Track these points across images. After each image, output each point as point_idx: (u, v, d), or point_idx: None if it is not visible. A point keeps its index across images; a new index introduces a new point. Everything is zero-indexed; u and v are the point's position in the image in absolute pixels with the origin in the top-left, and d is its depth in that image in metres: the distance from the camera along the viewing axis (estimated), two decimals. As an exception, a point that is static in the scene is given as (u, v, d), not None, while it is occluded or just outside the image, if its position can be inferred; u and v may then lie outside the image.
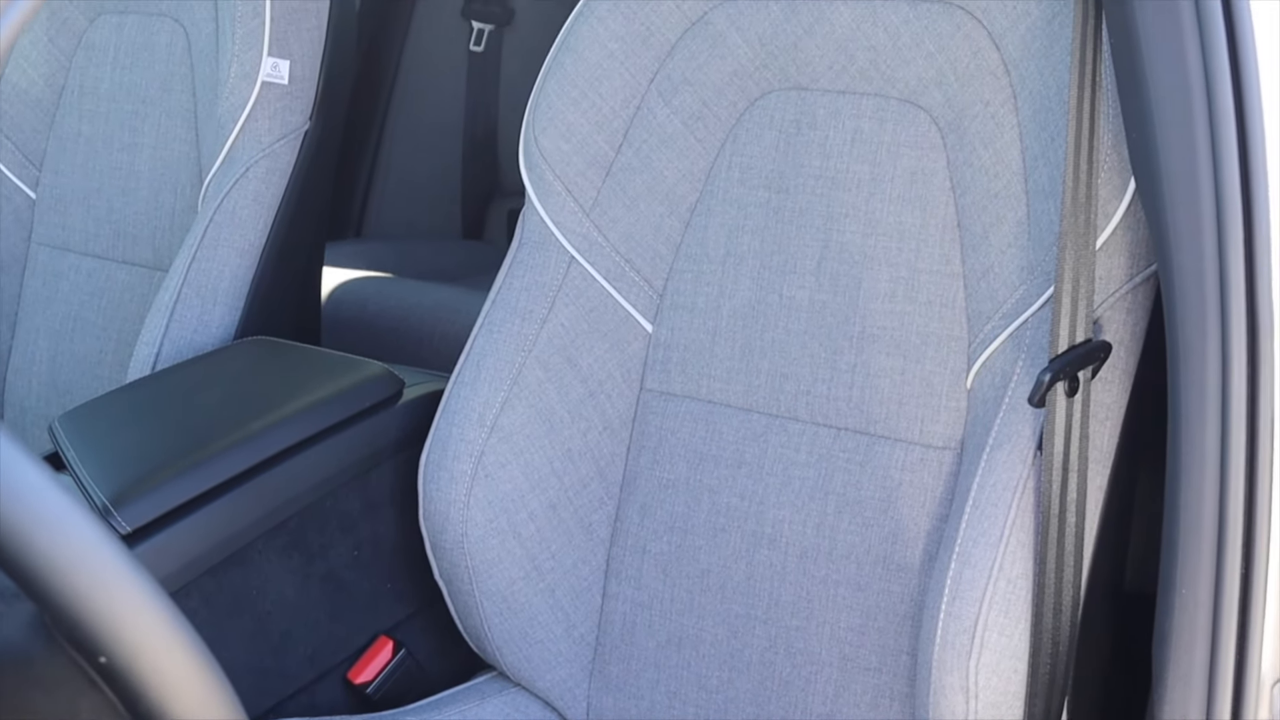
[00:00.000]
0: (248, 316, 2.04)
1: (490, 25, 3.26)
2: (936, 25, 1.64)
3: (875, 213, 1.68)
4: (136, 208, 2.20)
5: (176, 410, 1.80)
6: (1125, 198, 1.46)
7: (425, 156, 3.29)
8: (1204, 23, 1.22)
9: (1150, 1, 1.25)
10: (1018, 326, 1.54)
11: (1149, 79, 1.26)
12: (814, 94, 1.73)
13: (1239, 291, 1.23)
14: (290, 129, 2.07)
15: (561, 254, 1.79)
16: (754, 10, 1.74)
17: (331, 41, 2.11)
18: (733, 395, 1.75)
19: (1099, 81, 1.44)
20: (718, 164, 1.78)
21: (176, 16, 2.17)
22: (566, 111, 1.78)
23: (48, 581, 0.82)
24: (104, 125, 2.24)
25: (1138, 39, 1.26)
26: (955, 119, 1.63)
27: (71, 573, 0.83)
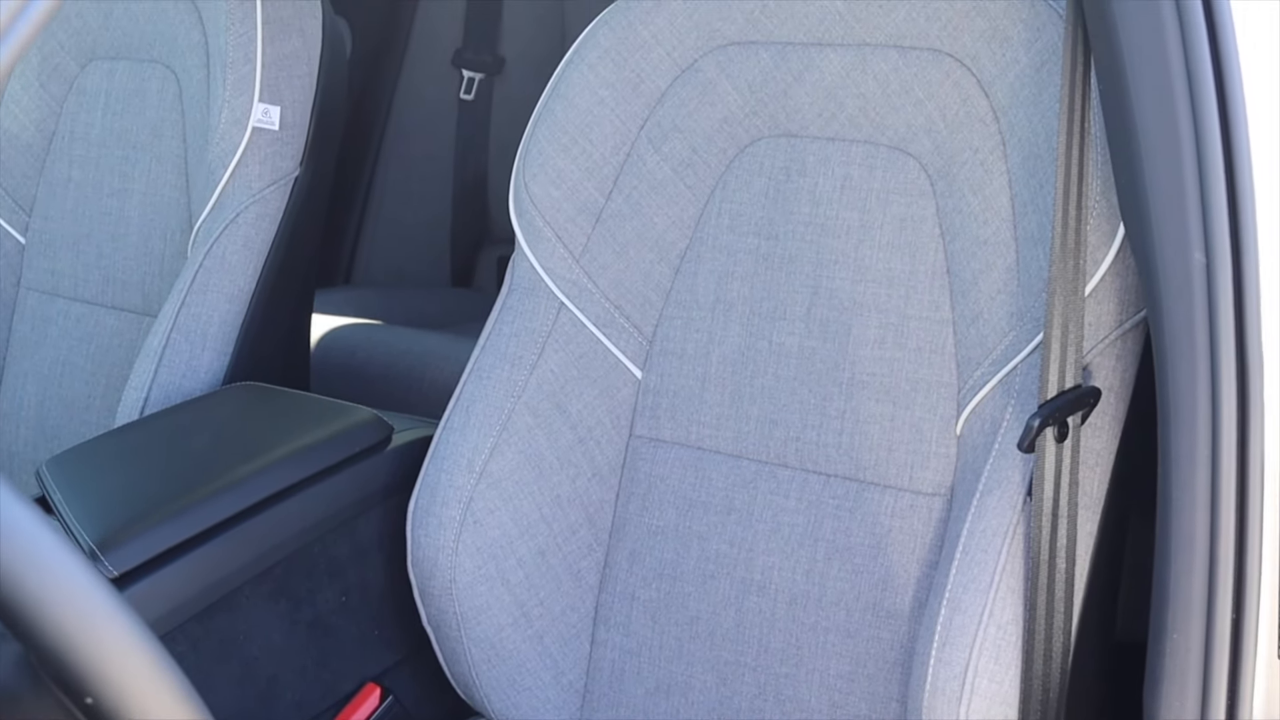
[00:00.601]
0: (236, 362, 2.04)
1: (481, 74, 3.27)
2: (925, 73, 1.65)
3: (864, 259, 1.68)
4: (126, 253, 2.19)
5: (164, 455, 1.80)
6: (1114, 244, 1.46)
7: (415, 204, 3.30)
8: (1192, 70, 1.22)
9: (1139, 50, 1.25)
10: (1007, 372, 1.54)
11: (1138, 125, 1.26)
12: (804, 141, 1.74)
13: (1228, 338, 1.23)
14: (281, 175, 2.07)
15: (551, 300, 1.79)
16: (744, 58, 1.75)
17: (322, 88, 2.12)
18: (722, 441, 1.75)
19: (1087, 128, 1.44)
20: (707, 211, 1.78)
21: (168, 63, 2.17)
22: (557, 158, 1.79)
23: (34, 621, 0.82)
24: (94, 171, 2.24)
25: (1127, 86, 1.27)
26: (944, 166, 1.64)
27: (59, 613, 0.82)
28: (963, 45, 1.62)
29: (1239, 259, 1.22)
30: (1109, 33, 1.29)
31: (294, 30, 2.09)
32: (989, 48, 1.60)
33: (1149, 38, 1.24)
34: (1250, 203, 1.22)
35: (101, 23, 2.24)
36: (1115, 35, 1.27)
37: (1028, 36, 1.57)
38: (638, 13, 1.79)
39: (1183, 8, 1.23)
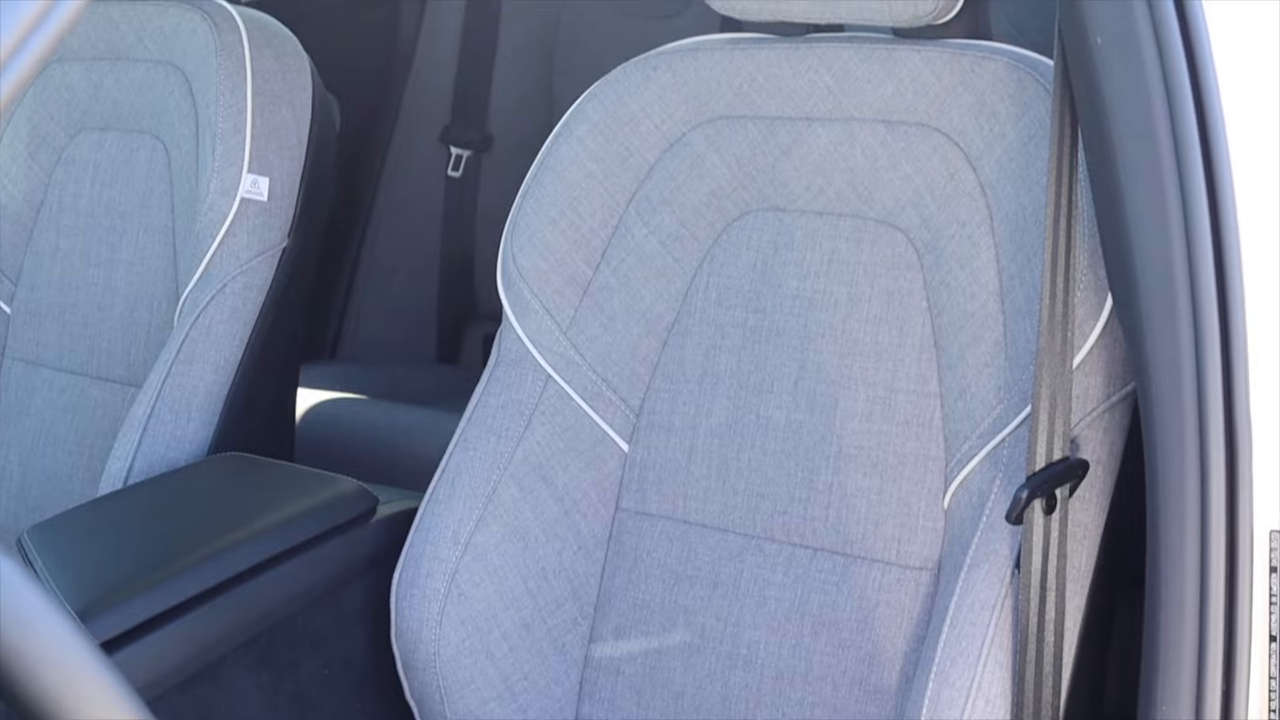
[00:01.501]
0: (221, 433, 2.03)
1: (468, 151, 3.28)
2: (913, 147, 1.66)
3: (852, 333, 1.69)
4: (112, 323, 2.19)
5: (147, 524, 1.79)
6: (1101, 317, 1.47)
7: (401, 280, 3.30)
8: (1180, 143, 1.23)
9: (1128, 124, 1.26)
10: (995, 446, 1.54)
11: (1126, 198, 1.27)
12: (792, 215, 1.74)
13: (1217, 410, 1.23)
14: (268, 245, 2.07)
15: (538, 372, 1.78)
16: (732, 132, 1.76)
17: (311, 160, 2.12)
18: (709, 515, 1.75)
19: (1075, 202, 1.45)
20: (695, 284, 1.78)
21: (157, 133, 2.18)
22: (545, 230, 1.79)
23: (16, 679, 0.81)
24: (81, 241, 2.24)
25: (1115, 159, 1.27)
26: (932, 239, 1.64)
27: (42, 672, 0.81)
28: (950, 120, 1.63)
29: (1227, 331, 1.22)
30: (1097, 107, 1.30)
31: (284, 102, 2.10)
32: (976, 122, 1.61)
33: (1137, 112, 1.25)
34: (1237, 275, 1.23)
35: (91, 94, 2.25)
36: (1104, 109, 1.28)
37: (1015, 111, 1.58)
38: (626, 86, 1.80)
39: (1170, 81, 1.23)
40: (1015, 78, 1.60)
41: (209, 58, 2.09)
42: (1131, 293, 1.28)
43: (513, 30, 3.29)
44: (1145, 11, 1.24)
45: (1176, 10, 1.24)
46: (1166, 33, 1.24)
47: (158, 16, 2.19)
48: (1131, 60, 1.24)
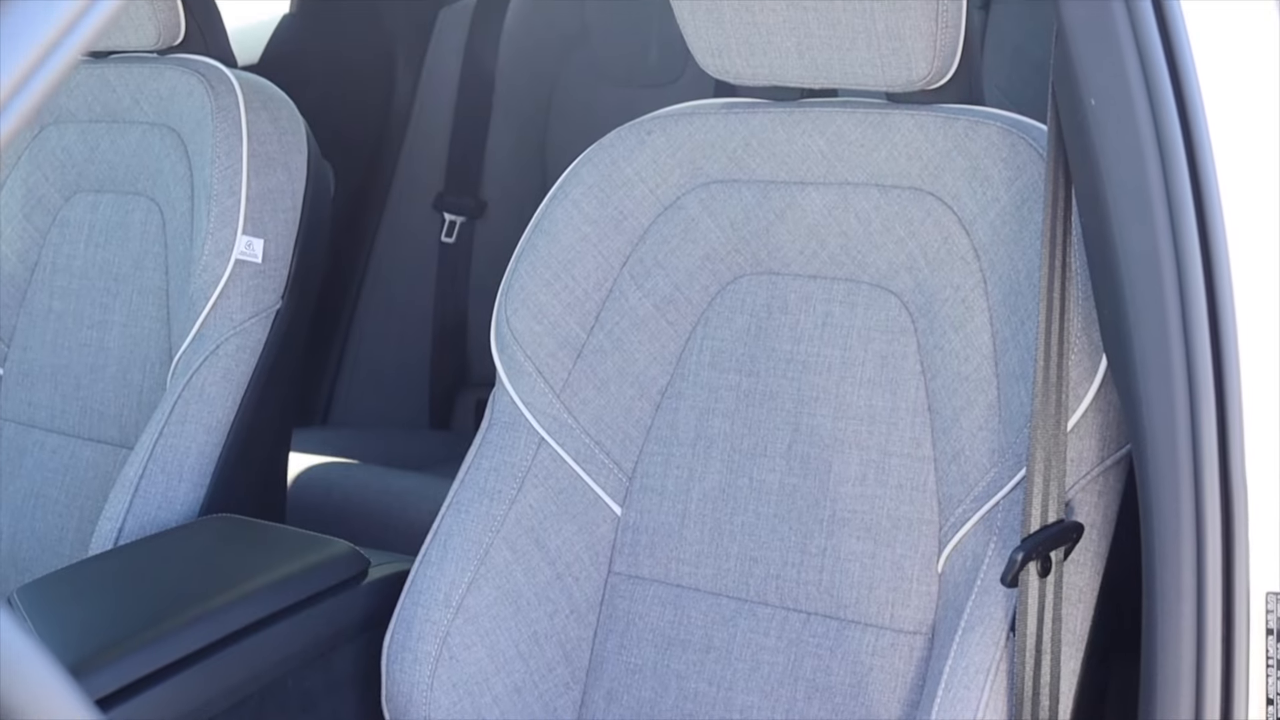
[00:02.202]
0: (213, 494, 2.02)
1: (462, 217, 3.29)
2: (907, 211, 1.66)
3: (846, 396, 1.69)
4: (104, 385, 2.19)
5: (138, 584, 1.78)
6: (1096, 380, 1.47)
7: (394, 345, 3.30)
8: (1174, 201, 1.24)
9: (1122, 185, 1.27)
10: (989, 509, 1.54)
11: (1121, 260, 1.27)
12: (785, 278, 1.74)
13: (1213, 472, 1.23)
14: (262, 307, 2.08)
15: (531, 435, 1.78)
16: (727, 195, 1.76)
17: (306, 223, 2.13)
18: (702, 579, 1.74)
19: (1069, 265, 1.46)
20: (689, 347, 1.78)
21: (152, 195, 2.18)
22: (539, 293, 1.79)
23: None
24: (75, 302, 2.24)
25: (1110, 221, 1.28)
26: (926, 303, 1.64)
27: None
28: (944, 184, 1.64)
29: (1222, 392, 1.22)
30: (1092, 168, 1.30)
31: (279, 165, 2.11)
32: (970, 186, 1.62)
33: (1131, 172, 1.26)
34: (1232, 335, 1.23)
35: (87, 156, 2.26)
36: (1098, 170, 1.29)
37: (1008, 175, 1.59)
38: (621, 150, 1.81)
39: (1164, 142, 1.24)
40: (1008, 142, 1.60)
41: (205, 120, 2.10)
42: (1126, 354, 1.28)
43: (507, 98, 3.31)
44: (1139, 72, 1.25)
45: (1170, 71, 1.25)
46: (1160, 93, 1.25)
47: (154, 79, 2.20)
48: (1125, 121, 1.25)
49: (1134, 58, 1.25)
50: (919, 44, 1.60)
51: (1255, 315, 1.24)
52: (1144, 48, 1.26)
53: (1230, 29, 1.30)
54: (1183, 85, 1.25)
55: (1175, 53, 1.26)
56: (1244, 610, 1.22)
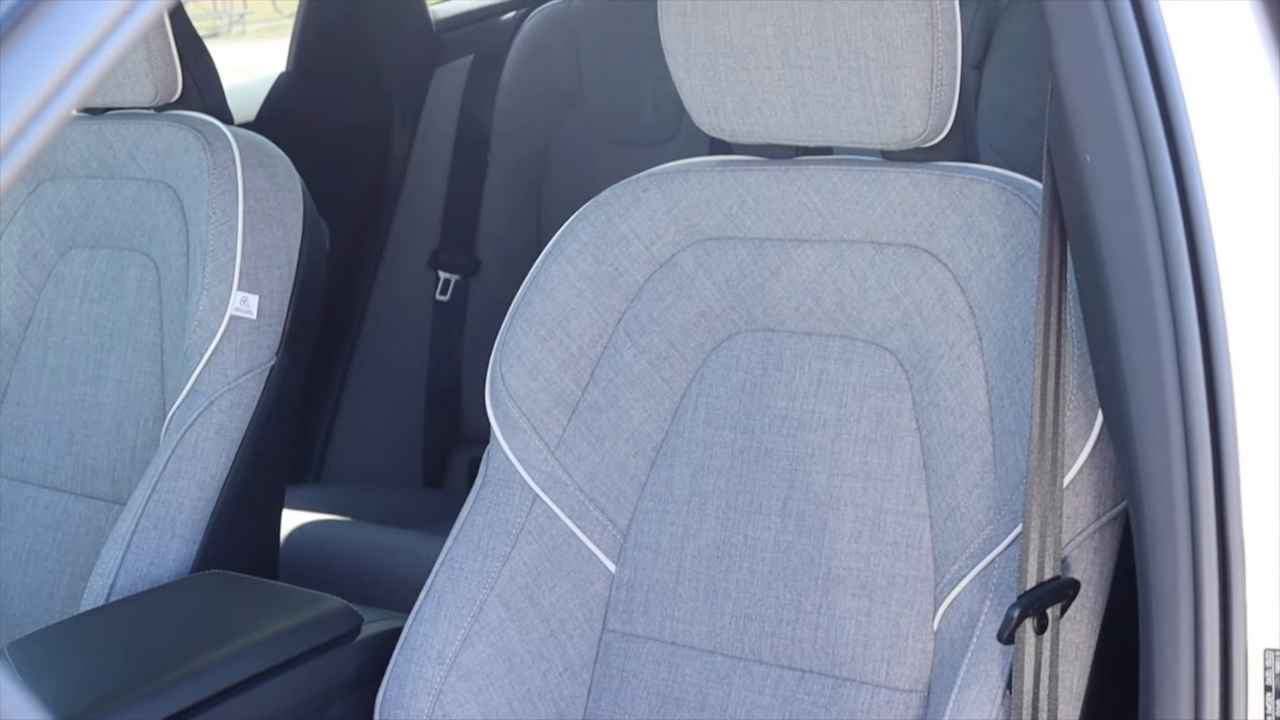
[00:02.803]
0: (206, 550, 2.02)
1: (456, 275, 3.30)
2: (902, 268, 1.66)
3: (841, 453, 1.68)
4: (98, 440, 2.19)
5: (130, 640, 1.77)
6: (1091, 436, 1.47)
7: (388, 403, 3.30)
8: (1169, 257, 1.24)
9: (1117, 242, 1.27)
10: (985, 566, 1.53)
11: (1117, 314, 1.27)
12: (780, 335, 1.75)
13: (1210, 526, 1.23)
14: (257, 364, 2.08)
15: (526, 491, 1.78)
16: (722, 252, 1.77)
17: (301, 279, 2.13)
18: (696, 637, 1.73)
19: (1064, 321, 1.46)
20: (684, 404, 1.78)
21: (148, 251, 2.19)
22: (534, 349, 1.79)
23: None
24: (69, 357, 2.24)
25: (1106, 279, 1.28)
26: (921, 360, 1.64)
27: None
28: (939, 241, 1.64)
29: (1219, 446, 1.22)
30: (1087, 224, 1.31)
31: (275, 221, 2.11)
32: (965, 243, 1.62)
33: (1127, 228, 1.26)
34: (1229, 389, 1.23)
35: (83, 211, 2.26)
36: (1093, 226, 1.29)
37: (1003, 232, 1.59)
38: (617, 207, 1.81)
39: (1159, 197, 1.25)
40: (1003, 199, 1.61)
41: (201, 176, 2.10)
42: (1122, 410, 1.28)
43: (502, 156, 3.32)
44: (1134, 129, 1.25)
45: (1165, 129, 1.25)
46: (1155, 150, 1.25)
47: (151, 135, 2.21)
48: (1120, 177, 1.26)
49: (1129, 114, 1.26)
50: (914, 102, 1.61)
51: (1252, 372, 1.24)
52: (1139, 105, 1.26)
53: (1224, 86, 1.30)
54: (1178, 142, 1.25)
55: (1170, 111, 1.26)
56: (1242, 667, 1.21)
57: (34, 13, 0.82)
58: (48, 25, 0.82)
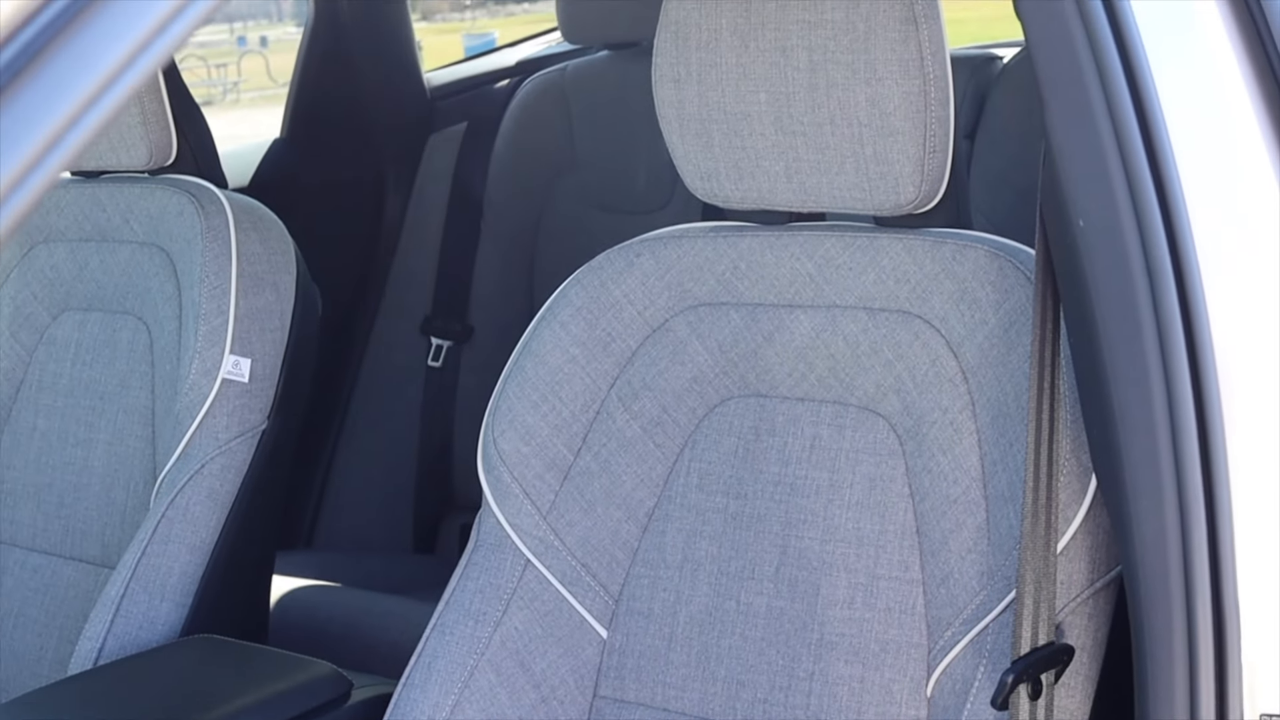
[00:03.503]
0: (195, 614, 2.01)
1: (449, 341, 3.30)
2: (895, 334, 1.67)
3: (834, 519, 1.68)
4: (88, 503, 2.18)
5: (118, 705, 1.76)
6: (1085, 502, 1.47)
7: (379, 468, 3.30)
8: (1162, 321, 1.24)
9: (1110, 302, 1.27)
10: (978, 632, 1.53)
11: (1110, 379, 1.28)
12: (773, 401, 1.75)
13: (1204, 590, 1.23)
14: (248, 427, 2.07)
15: (517, 557, 1.77)
16: (715, 318, 1.77)
17: (294, 343, 2.13)
18: (689, 703, 1.72)
19: (1058, 386, 1.46)
20: (676, 470, 1.78)
21: (140, 314, 2.19)
22: (526, 414, 1.79)
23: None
24: (60, 420, 2.23)
25: (1098, 339, 1.28)
26: (914, 426, 1.64)
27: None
28: (931, 307, 1.64)
29: (1213, 512, 1.22)
30: (1080, 289, 1.31)
31: (268, 285, 2.11)
32: (958, 309, 1.62)
33: (1120, 293, 1.27)
34: (1222, 454, 1.23)
35: (76, 274, 2.26)
36: (1086, 291, 1.29)
37: (996, 298, 1.59)
38: (610, 273, 1.81)
39: (1152, 262, 1.25)
40: (996, 265, 1.61)
41: (195, 239, 2.11)
42: (1117, 475, 1.28)
43: (495, 223, 3.33)
44: (1126, 194, 1.26)
45: (1157, 192, 1.26)
46: (1148, 214, 1.26)
47: (145, 199, 2.21)
48: (1114, 242, 1.26)
49: (1122, 180, 1.27)
50: (907, 168, 1.61)
51: (1247, 434, 1.25)
52: (1131, 171, 1.27)
53: (1217, 151, 1.31)
54: (1170, 207, 1.26)
55: (1163, 176, 1.27)
56: (1238, 733, 1.21)
57: (26, 71, 0.82)
58: (39, 84, 0.82)
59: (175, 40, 0.84)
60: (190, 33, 0.86)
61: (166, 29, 0.85)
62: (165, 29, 0.85)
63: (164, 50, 0.84)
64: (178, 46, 0.86)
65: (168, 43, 0.84)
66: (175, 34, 0.85)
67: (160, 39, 0.84)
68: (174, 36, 0.84)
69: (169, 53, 0.85)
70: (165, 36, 0.85)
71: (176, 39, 0.85)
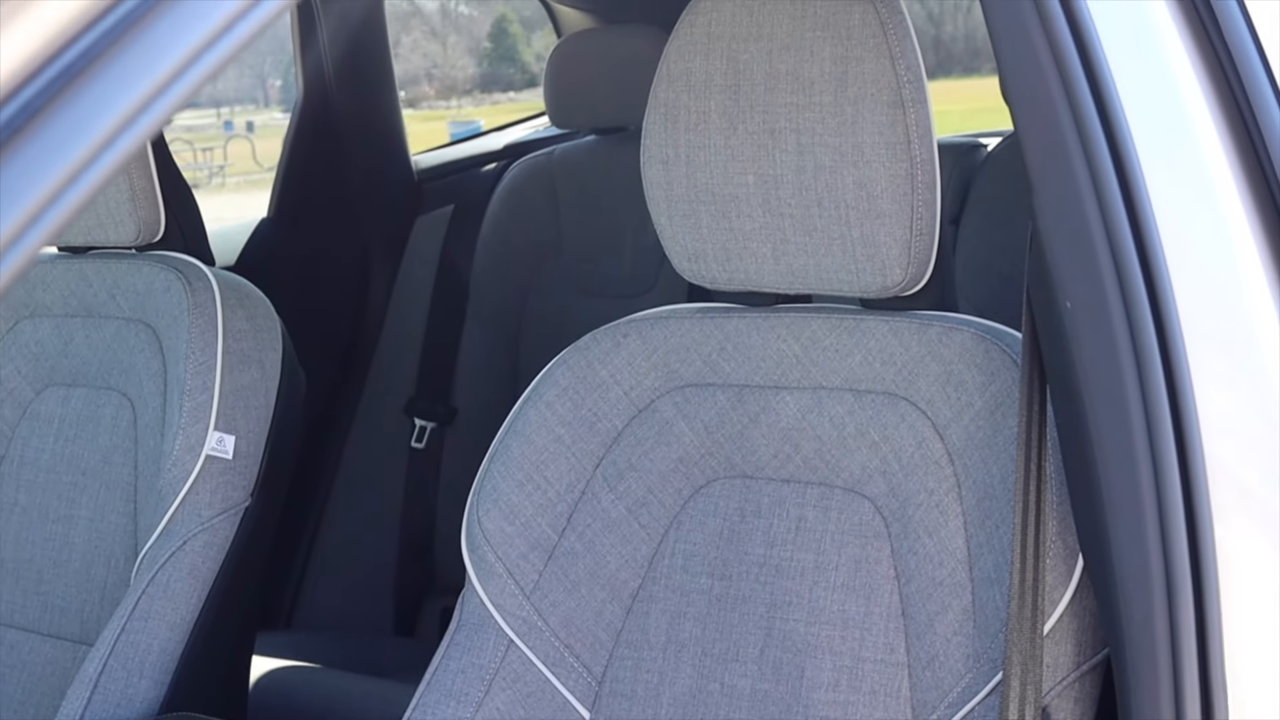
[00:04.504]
0: (174, 693, 1.99)
1: (433, 423, 3.30)
2: (881, 416, 1.67)
3: (819, 601, 1.67)
4: (67, 580, 2.16)
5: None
6: (1071, 584, 1.47)
7: (360, 549, 3.28)
8: (1149, 403, 1.25)
9: (1097, 384, 1.28)
10: (964, 715, 1.52)
11: (1098, 460, 1.28)
12: (759, 482, 1.74)
13: (1192, 671, 1.22)
14: (231, 504, 2.06)
15: (500, 637, 1.76)
16: (701, 399, 1.77)
17: (278, 420, 2.13)
18: (672, 786, 1.71)
19: (1044, 468, 1.46)
20: (661, 550, 1.77)
21: (124, 390, 2.18)
22: (511, 494, 1.79)
23: None
24: (41, 496, 2.22)
25: (1085, 421, 1.29)
26: (899, 508, 1.64)
27: None
28: (918, 389, 1.65)
29: (1201, 591, 1.22)
30: (1067, 371, 1.32)
31: (254, 362, 2.11)
32: (944, 392, 1.63)
33: (1107, 375, 1.27)
34: (1210, 534, 1.23)
35: (61, 349, 2.26)
36: (1073, 373, 1.30)
37: (982, 380, 1.60)
38: (596, 353, 1.81)
39: (1139, 344, 1.25)
40: (982, 348, 1.62)
41: (181, 316, 2.10)
42: (1104, 555, 1.28)
43: (480, 305, 3.34)
44: (1114, 276, 1.27)
45: (1144, 275, 1.27)
46: (1135, 296, 1.26)
47: (131, 275, 2.21)
48: (1100, 323, 1.27)
49: (1109, 261, 1.27)
50: (894, 251, 1.62)
51: (1233, 515, 1.25)
52: (1118, 252, 1.28)
53: (1202, 235, 1.32)
54: (1157, 289, 1.27)
55: (1149, 258, 1.28)
56: (1225, 817, 1.20)
57: (9, 145, 0.82)
58: (23, 157, 0.82)
59: (155, 123, 0.84)
60: (169, 117, 0.86)
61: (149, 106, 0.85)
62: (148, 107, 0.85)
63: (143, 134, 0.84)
64: (156, 130, 0.86)
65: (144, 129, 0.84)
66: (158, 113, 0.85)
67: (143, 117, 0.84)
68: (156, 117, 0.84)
69: (147, 136, 0.85)
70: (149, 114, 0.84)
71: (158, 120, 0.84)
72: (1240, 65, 1.37)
